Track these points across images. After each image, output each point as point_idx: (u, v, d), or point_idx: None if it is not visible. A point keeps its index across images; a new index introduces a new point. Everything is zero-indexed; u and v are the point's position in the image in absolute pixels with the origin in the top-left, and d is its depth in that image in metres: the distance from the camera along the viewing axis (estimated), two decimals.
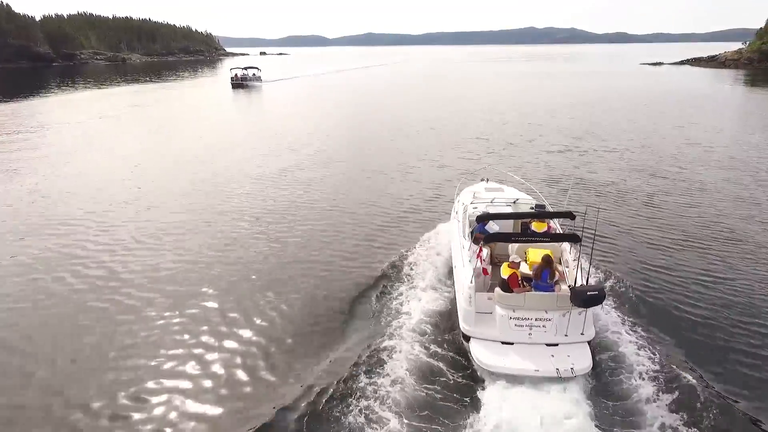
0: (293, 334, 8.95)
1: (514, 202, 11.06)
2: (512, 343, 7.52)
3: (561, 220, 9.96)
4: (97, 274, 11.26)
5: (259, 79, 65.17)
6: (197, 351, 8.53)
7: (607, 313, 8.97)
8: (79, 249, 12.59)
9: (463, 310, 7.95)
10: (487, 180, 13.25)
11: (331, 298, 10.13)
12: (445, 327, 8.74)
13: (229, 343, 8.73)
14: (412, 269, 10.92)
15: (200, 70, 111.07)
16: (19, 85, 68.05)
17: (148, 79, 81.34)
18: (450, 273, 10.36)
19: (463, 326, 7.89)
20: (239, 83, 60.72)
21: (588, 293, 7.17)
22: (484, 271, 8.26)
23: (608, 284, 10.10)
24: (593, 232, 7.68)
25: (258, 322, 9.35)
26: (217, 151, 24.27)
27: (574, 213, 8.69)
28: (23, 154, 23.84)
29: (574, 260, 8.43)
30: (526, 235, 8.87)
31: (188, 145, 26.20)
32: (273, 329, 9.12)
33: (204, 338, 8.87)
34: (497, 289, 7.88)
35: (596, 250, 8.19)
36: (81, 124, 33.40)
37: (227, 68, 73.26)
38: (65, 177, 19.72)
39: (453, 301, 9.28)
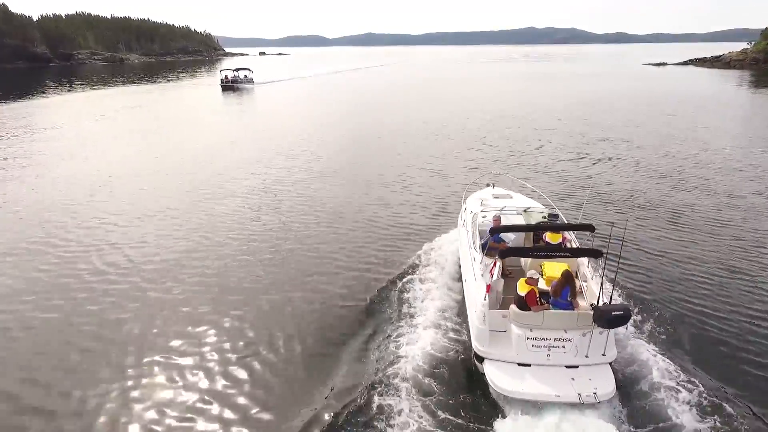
0: (259, 399, 7.42)
1: (525, 211, 10.59)
2: (529, 365, 7.05)
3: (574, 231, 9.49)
4: (55, 312, 9.79)
5: (251, 81, 62.72)
6: (143, 410, 7.13)
7: (628, 333, 8.28)
8: (33, 282, 11.03)
9: (476, 329, 7.40)
10: (493, 185, 12.75)
11: (313, 343, 8.71)
12: (450, 375, 7.55)
13: (183, 414, 7.17)
14: (412, 306, 9.50)
15: (198, 70, 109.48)
16: (12, 86, 66.66)
17: (143, 80, 79.92)
18: (453, 287, 9.83)
19: (476, 346, 7.34)
20: (229, 85, 58.51)
21: (613, 313, 6.65)
22: (488, 288, 7.56)
23: (627, 301, 9.37)
24: (618, 246, 7.33)
25: (220, 379, 7.83)
26: (198, 162, 22.21)
27: (594, 225, 8.30)
28: None
29: (593, 276, 8.06)
30: (545, 250, 8.29)
31: (169, 154, 24.39)
32: (238, 385, 7.69)
33: (151, 401, 7.41)
34: (512, 307, 7.32)
35: (614, 265, 7.62)
36: (62, 128, 31.96)
37: (232, 68, 71.65)
38: (37, 187, 18.34)
39: (458, 343, 8.24)
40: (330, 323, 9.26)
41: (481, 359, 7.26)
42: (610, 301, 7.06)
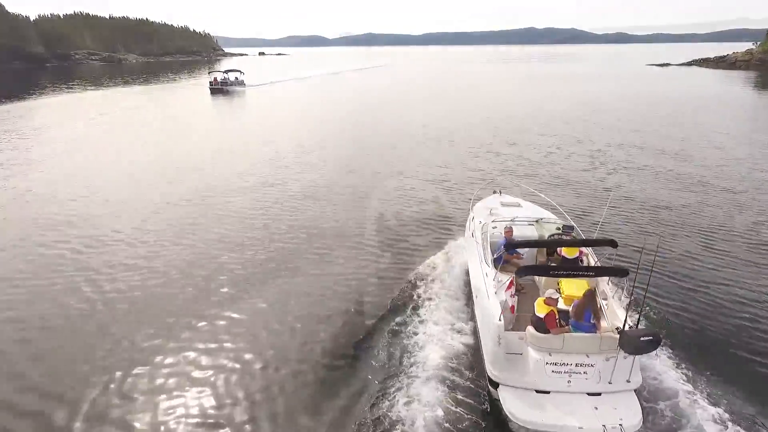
0: None
1: (538, 221, 10.07)
2: (548, 392, 6.53)
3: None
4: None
5: (241, 83, 59.35)
6: None
7: (652, 356, 7.58)
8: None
9: (491, 352, 6.89)
10: (500, 192, 12.36)
11: (285, 409, 7.23)
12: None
13: None
14: (411, 354, 8.07)
15: (195, 71, 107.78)
16: (2, 88, 65.23)
17: (138, 81, 78.29)
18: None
19: (491, 371, 6.81)
20: (218, 88, 55.98)
21: (642, 338, 6.17)
22: (512, 309, 7.30)
23: (651, 323, 8.72)
24: (643, 265, 6.88)
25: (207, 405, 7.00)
26: (176, 176, 19.63)
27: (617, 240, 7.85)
28: None
29: (614, 295, 7.69)
30: (568, 269, 7.51)
31: (144, 168, 21.85)
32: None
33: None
34: (530, 329, 6.82)
35: (643, 285, 6.85)
36: (38, 136, 30.44)
37: (222, 69, 70.03)
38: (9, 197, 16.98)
39: (472, 411, 6.98)
40: (306, 382, 7.73)
41: (495, 385, 6.73)
42: (638, 325, 6.61)
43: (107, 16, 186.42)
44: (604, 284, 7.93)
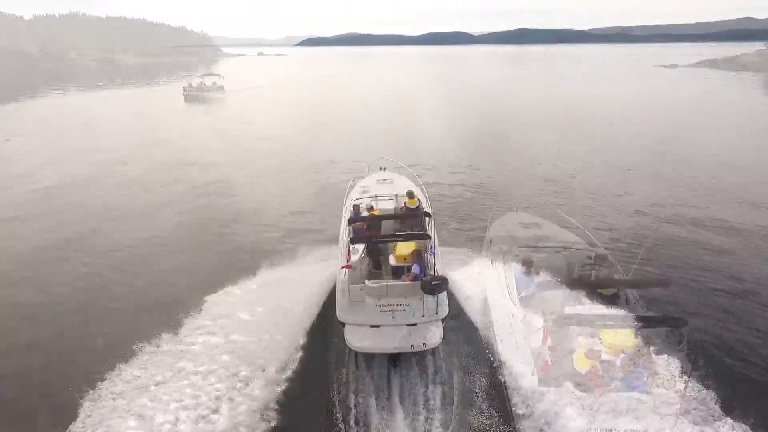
0: None
1: (565, 249, 9.06)
2: None
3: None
4: None
5: (220, 89, 54.05)
6: None
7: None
8: None
9: (523, 411, 6.07)
10: (516, 209, 11.80)
11: None
12: None
13: None
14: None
15: (191, 72, 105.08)
16: None
17: (122, 84, 75.42)
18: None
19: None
20: (193, 94, 51.16)
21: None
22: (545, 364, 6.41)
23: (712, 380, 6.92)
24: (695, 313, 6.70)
25: None
26: (143, 202, 17.09)
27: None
28: None
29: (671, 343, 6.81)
30: (613, 317, 6.50)
31: (110, 186, 19.43)
32: None
33: None
34: (568, 386, 5.90)
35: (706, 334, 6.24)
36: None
37: (221, 70, 67.34)
38: None
39: None
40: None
41: None
42: (704, 384, 6.08)
43: (104, 16, 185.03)
44: None
